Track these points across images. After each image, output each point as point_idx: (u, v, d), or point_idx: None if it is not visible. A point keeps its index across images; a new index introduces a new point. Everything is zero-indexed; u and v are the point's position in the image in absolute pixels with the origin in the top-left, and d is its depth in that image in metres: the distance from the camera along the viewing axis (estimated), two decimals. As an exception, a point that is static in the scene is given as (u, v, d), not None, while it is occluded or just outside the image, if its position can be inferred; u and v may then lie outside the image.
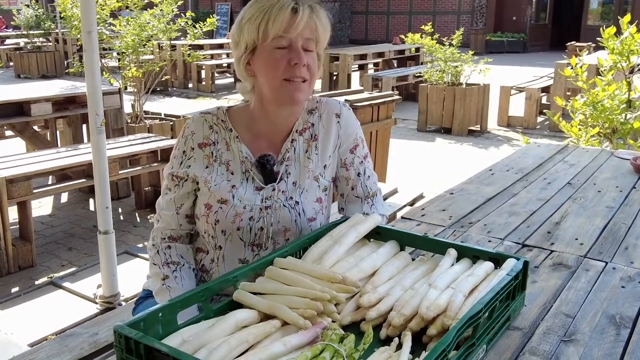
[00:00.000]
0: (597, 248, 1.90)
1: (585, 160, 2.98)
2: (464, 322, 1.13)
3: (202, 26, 6.83)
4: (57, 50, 14.76)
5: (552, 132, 8.52)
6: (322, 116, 1.70)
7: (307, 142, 1.67)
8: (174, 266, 1.62)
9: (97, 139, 3.14)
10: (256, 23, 1.48)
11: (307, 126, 1.68)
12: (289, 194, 1.63)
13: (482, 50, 20.89)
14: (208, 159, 1.61)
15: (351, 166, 1.74)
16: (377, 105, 4.95)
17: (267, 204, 1.61)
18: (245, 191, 1.60)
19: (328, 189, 1.73)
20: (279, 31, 1.48)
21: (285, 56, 1.50)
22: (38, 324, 3.23)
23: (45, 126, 6.25)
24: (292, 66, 1.50)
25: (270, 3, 1.48)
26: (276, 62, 1.50)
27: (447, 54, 8.47)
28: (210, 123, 1.63)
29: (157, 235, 1.68)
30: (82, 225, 4.89)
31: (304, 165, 1.66)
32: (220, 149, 1.62)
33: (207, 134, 1.62)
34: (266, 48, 1.51)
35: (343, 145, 1.72)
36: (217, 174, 1.60)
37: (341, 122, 1.71)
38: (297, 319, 1.18)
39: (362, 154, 1.76)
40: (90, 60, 3.06)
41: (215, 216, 1.60)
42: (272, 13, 1.47)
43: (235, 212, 1.59)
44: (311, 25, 1.51)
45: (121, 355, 1.07)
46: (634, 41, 4.29)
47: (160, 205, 1.68)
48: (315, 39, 1.54)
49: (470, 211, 2.25)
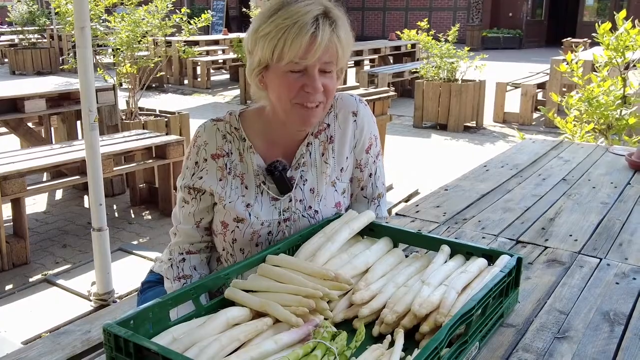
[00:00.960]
0: (592, 244, 1.89)
1: (580, 157, 2.98)
2: (457, 319, 1.12)
3: (197, 22, 6.80)
4: (52, 46, 14.72)
5: (548, 128, 8.52)
6: (338, 115, 1.62)
7: (323, 145, 1.61)
8: (185, 280, 1.56)
9: (90, 136, 3.13)
10: (272, 43, 1.37)
11: (323, 127, 1.61)
12: (307, 202, 1.58)
13: (478, 46, 20.90)
14: (222, 171, 1.54)
15: (365, 167, 1.68)
16: (373, 101, 4.94)
17: (286, 216, 1.56)
18: (261, 207, 1.54)
19: (346, 191, 1.68)
20: (295, 57, 1.36)
21: (300, 81, 1.40)
22: (32, 322, 3.22)
23: (39, 123, 6.23)
24: (306, 92, 1.41)
25: (289, 22, 1.35)
26: (289, 86, 1.41)
27: (443, 50, 8.47)
28: (223, 132, 1.55)
29: (174, 250, 1.62)
30: (76, 222, 4.88)
31: (321, 170, 1.60)
32: (234, 160, 1.54)
33: (220, 144, 1.54)
34: (280, 69, 1.40)
35: (359, 145, 1.65)
36: (232, 188, 1.53)
37: (358, 120, 1.63)
38: (289, 317, 1.17)
39: (375, 153, 1.70)
40: (83, 56, 3.04)
41: (232, 235, 1.55)
42: (289, 36, 1.34)
43: (253, 230, 1.54)
44: (331, 48, 1.39)
45: (110, 354, 1.06)
46: (629, 37, 4.29)
47: (177, 219, 1.61)
48: (336, 61, 1.43)
49: (465, 207, 2.25)
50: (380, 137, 5.32)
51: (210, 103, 10.96)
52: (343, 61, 1.47)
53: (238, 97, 11.21)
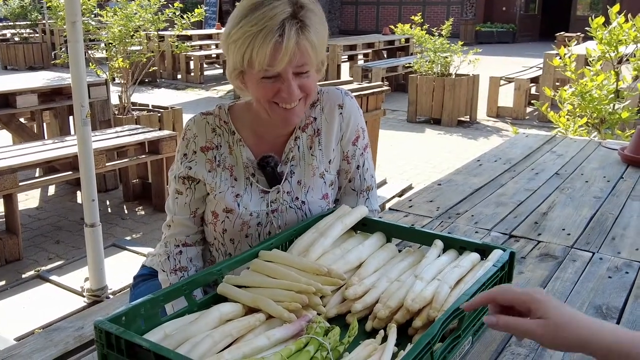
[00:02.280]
0: (584, 238, 1.90)
1: (573, 151, 2.99)
2: (450, 314, 1.12)
3: (190, 16, 6.77)
4: (44, 41, 14.62)
5: (541, 122, 8.54)
6: (324, 109, 1.63)
7: (310, 138, 1.61)
8: (181, 273, 1.57)
9: (82, 131, 3.11)
10: (241, 51, 1.36)
11: (310, 121, 1.62)
12: (294, 194, 1.59)
13: (472, 40, 20.91)
14: (211, 163, 1.55)
15: (353, 159, 1.68)
16: (367, 96, 4.93)
17: (274, 208, 1.57)
18: (250, 198, 1.55)
19: (334, 183, 1.68)
20: (263, 65, 1.35)
21: (275, 85, 1.40)
22: (25, 318, 3.20)
23: (31, 118, 6.20)
24: (283, 96, 1.41)
25: (255, 29, 1.32)
26: (265, 91, 1.41)
27: (437, 44, 8.46)
28: (212, 125, 1.57)
29: (170, 242, 1.61)
30: (69, 218, 4.86)
31: (309, 163, 1.61)
32: (223, 153, 1.56)
33: (209, 137, 1.56)
34: (254, 75, 1.40)
35: (345, 137, 1.65)
36: (221, 179, 1.55)
37: (344, 113, 1.64)
38: (281, 312, 1.17)
39: (363, 145, 1.70)
40: (75, 51, 3.02)
41: (222, 225, 1.56)
42: (255, 44, 1.33)
43: (243, 221, 1.55)
44: (301, 50, 1.36)
45: (102, 351, 1.05)
46: (622, 31, 4.30)
47: (172, 210, 1.60)
48: (309, 61, 1.40)
49: (458, 202, 2.25)
50: (374, 131, 5.28)
51: (204, 98, 10.93)
52: (319, 58, 1.45)
53: (231, 91, 11.17)
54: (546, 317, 0.93)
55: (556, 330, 0.92)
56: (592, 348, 0.91)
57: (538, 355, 1.24)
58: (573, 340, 0.92)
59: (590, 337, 0.91)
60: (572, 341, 0.92)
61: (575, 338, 0.92)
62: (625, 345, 0.90)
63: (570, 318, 0.93)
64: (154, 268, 1.72)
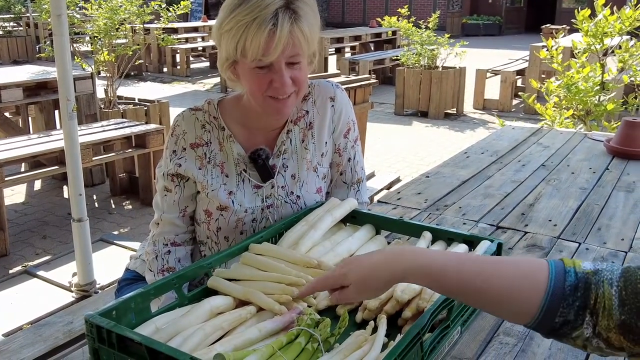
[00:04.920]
0: (571, 229, 1.92)
1: (559, 142, 3.01)
2: (439, 304, 1.13)
3: (176, 9, 6.72)
4: (28, 34, 14.45)
5: (527, 114, 8.59)
6: (316, 102, 1.63)
7: (302, 132, 1.61)
8: (169, 274, 1.53)
9: (68, 125, 3.09)
10: (234, 41, 1.35)
11: (302, 114, 1.61)
12: (288, 188, 1.59)
13: (458, 33, 20.96)
14: (201, 160, 1.53)
15: (344, 151, 1.69)
16: (354, 89, 4.93)
17: (268, 203, 1.56)
18: (244, 194, 1.54)
19: (327, 176, 1.69)
20: (257, 55, 1.34)
21: (267, 76, 1.39)
22: (13, 314, 3.18)
23: (16, 112, 6.13)
24: (275, 87, 1.40)
25: (248, 18, 1.32)
26: (258, 82, 1.40)
27: (424, 37, 8.48)
28: (202, 122, 1.54)
29: (158, 240, 1.59)
30: (56, 213, 4.83)
31: (302, 156, 1.61)
32: (213, 149, 1.54)
33: (199, 133, 1.54)
34: (247, 65, 1.39)
35: (337, 129, 1.66)
36: (212, 177, 1.53)
37: (335, 105, 1.64)
38: (272, 305, 1.18)
39: (353, 138, 1.71)
40: (60, 45, 3.00)
41: (216, 224, 1.55)
42: (249, 33, 1.32)
43: (237, 218, 1.54)
44: (294, 41, 1.35)
45: (93, 345, 1.05)
46: (607, 24, 4.33)
47: (160, 208, 1.58)
48: (302, 52, 1.40)
49: (446, 194, 2.26)
50: (361, 124, 5.29)
51: (190, 91, 10.88)
52: (311, 49, 1.44)
53: (218, 85, 11.13)
54: (350, 283, 1.05)
55: (363, 286, 1.03)
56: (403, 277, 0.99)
57: (526, 345, 1.26)
58: (380, 284, 1.01)
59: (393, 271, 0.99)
60: (380, 285, 1.02)
61: (379, 283, 1.01)
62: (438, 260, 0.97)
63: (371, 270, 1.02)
64: (137, 272, 1.71)
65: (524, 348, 1.25)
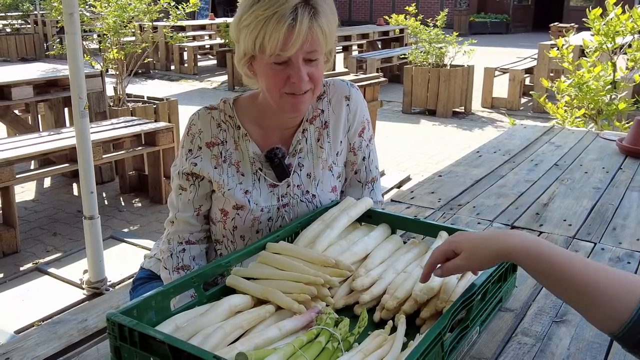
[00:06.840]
0: (586, 229, 1.91)
1: (572, 142, 3.00)
2: (458, 304, 1.13)
3: (184, 7, 6.73)
4: (36, 32, 14.50)
5: (536, 113, 8.56)
6: (332, 101, 1.63)
7: (318, 131, 1.61)
8: (184, 272, 1.55)
9: (80, 123, 3.10)
10: (253, 35, 1.35)
11: (317, 113, 1.61)
12: (304, 187, 1.59)
13: (466, 31, 20.90)
14: (216, 159, 1.53)
15: (359, 150, 1.69)
16: (363, 87, 4.93)
17: (284, 202, 1.57)
18: (260, 193, 1.54)
19: (341, 175, 1.69)
20: (276, 49, 1.34)
21: (285, 72, 1.39)
22: (24, 311, 3.20)
23: (26, 110, 6.16)
24: (292, 83, 1.40)
25: (268, 13, 1.32)
26: (275, 77, 1.40)
27: (432, 35, 8.45)
28: (218, 121, 1.54)
29: (173, 239, 1.59)
30: (66, 210, 4.84)
31: (317, 155, 1.61)
32: (229, 148, 1.54)
33: (215, 132, 1.53)
34: (264, 61, 1.39)
35: (352, 128, 1.66)
36: (228, 176, 1.53)
37: (351, 105, 1.64)
38: (291, 304, 1.18)
39: (368, 137, 1.71)
40: (73, 43, 3.00)
41: (233, 222, 1.55)
42: (268, 28, 1.32)
43: (254, 217, 1.54)
44: (312, 36, 1.35)
45: (115, 343, 1.05)
46: (619, 22, 4.31)
47: (175, 207, 1.58)
48: (319, 48, 1.40)
49: (459, 193, 2.26)
50: (371, 122, 5.27)
51: (198, 89, 10.89)
52: (328, 46, 1.45)
53: (226, 82, 11.13)
54: (462, 250, 1.13)
55: (473, 254, 1.12)
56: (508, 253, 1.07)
57: (544, 345, 1.26)
58: (488, 255, 1.09)
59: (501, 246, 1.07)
60: (488, 256, 1.10)
61: (488, 254, 1.09)
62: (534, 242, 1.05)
63: (482, 241, 1.12)
64: (152, 270, 1.72)
65: (542, 348, 1.25)
